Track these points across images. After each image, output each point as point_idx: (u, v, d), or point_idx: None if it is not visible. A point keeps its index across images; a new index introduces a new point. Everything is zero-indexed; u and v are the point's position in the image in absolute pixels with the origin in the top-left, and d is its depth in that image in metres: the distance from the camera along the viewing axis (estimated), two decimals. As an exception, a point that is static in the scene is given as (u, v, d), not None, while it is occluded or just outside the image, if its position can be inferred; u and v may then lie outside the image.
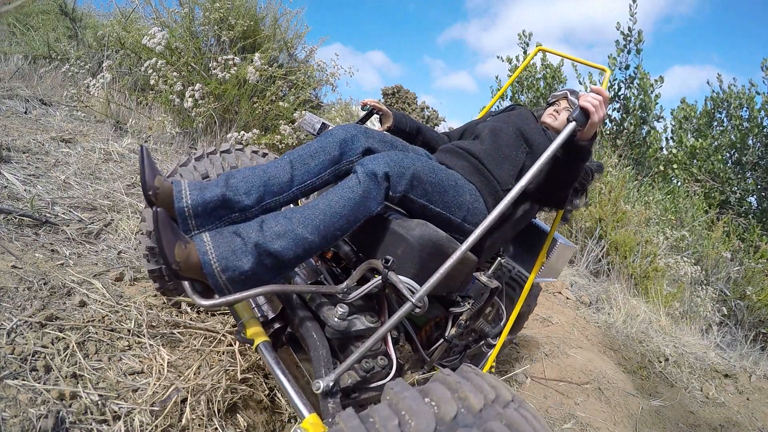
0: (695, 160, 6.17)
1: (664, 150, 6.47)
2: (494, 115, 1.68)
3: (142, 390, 1.05)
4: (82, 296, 1.21)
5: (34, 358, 0.97)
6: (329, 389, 0.84)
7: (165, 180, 0.96)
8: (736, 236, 4.75)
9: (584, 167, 1.24)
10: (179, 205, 0.94)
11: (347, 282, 0.97)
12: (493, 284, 1.24)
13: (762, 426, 2.53)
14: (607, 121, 6.65)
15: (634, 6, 6.22)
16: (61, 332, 1.06)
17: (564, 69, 6.99)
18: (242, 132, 2.86)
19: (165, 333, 1.25)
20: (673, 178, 6.20)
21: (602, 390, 2.29)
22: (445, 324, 1.32)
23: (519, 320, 2.09)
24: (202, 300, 0.87)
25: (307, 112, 2.06)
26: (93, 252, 1.47)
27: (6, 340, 0.97)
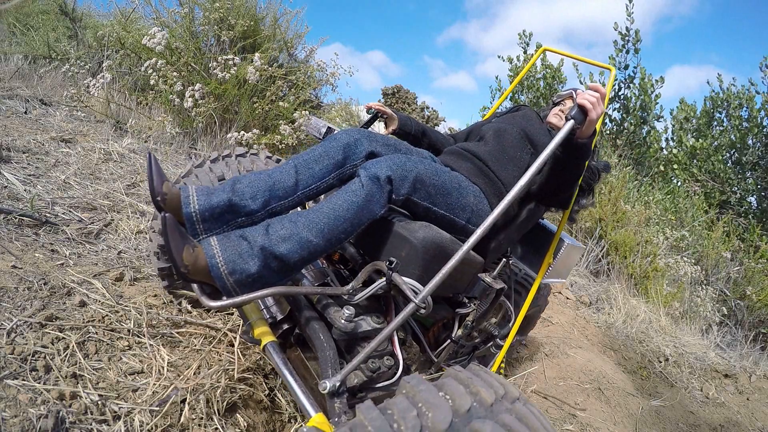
0: (695, 160, 6.17)
1: (664, 150, 6.47)
2: (499, 116, 1.68)
3: (142, 390, 1.05)
4: (82, 296, 1.21)
5: (34, 358, 0.97)
6: (335, 389, 0.85)
7: (173, 186, 0.99)
8: (736, 236, 4.75)
9: (585, 165, 1.24)
10: (187, 210, 0.97)
11: (352, 283, 0.99)
12: (498, 285, 1.24)
13: (762, 426, 2.53)
14: (608, 121, 6.66)
15: (631, 6, 6.22)
16: (61, 332, 1.06)
17: (564, 69, 6.99)
18: (242, 132, 2.86)
19: (165, 333, 1.25)
20: (673, 178, 6.20)
21: (602, 390, 2.29)
22: (453, 325, 1.33)
23: (528, 321, 2.08)
24: (211, 302, 0.89)
25: (313, 117, 2.07)
26: (93, 252, 1.47)
27: (6, 340, 0.97)
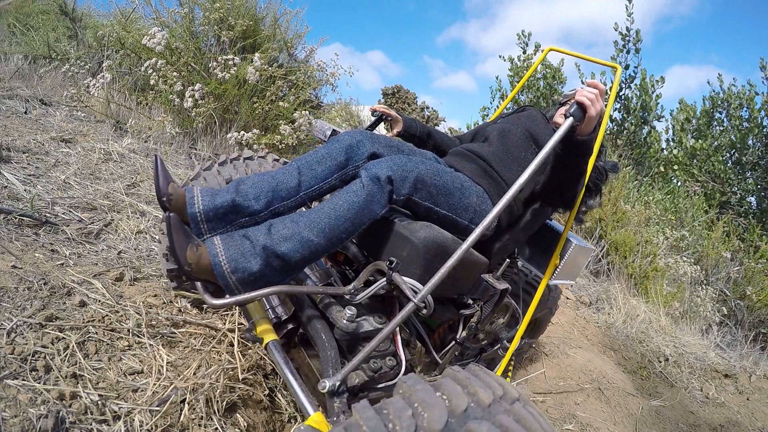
0: (695, 161, 6.17)
1: (665, 150, 6.47)
2: (505, 117, 1.68)
3: (142, 390, 1.05)
4: (82, 296, 1.21)
5: (34, 358, 0.97)
6: (335, 389, 0.85)
7: (178, 187, 1.01)
8: (736, 236, 4.75)
9: (587, 163, 1.23)
10: (191, 211, 1.00)
11: (354, 283, 1.00)
12: (502, 285, 1.23)
13: (762, 426, 2.53)
14: (608, 122, 6.65)
15: (631, 6, 6.21)
16: (61, 332, 1.06)
17: (564, 69, 6.99)
18: (242, 132, 2.86)
19: (165, 333, 1.25)
20: (674, 179, 6.20)
21: (602, 390, 2.29)
22: (458, 326, 1.33)
23: (538, 324, 2.06)
24: (214, 300, 0.90)
25: (318, 120, 2.07)
26: (93, 252, 1.47)
27: (6, 340, 0.97)
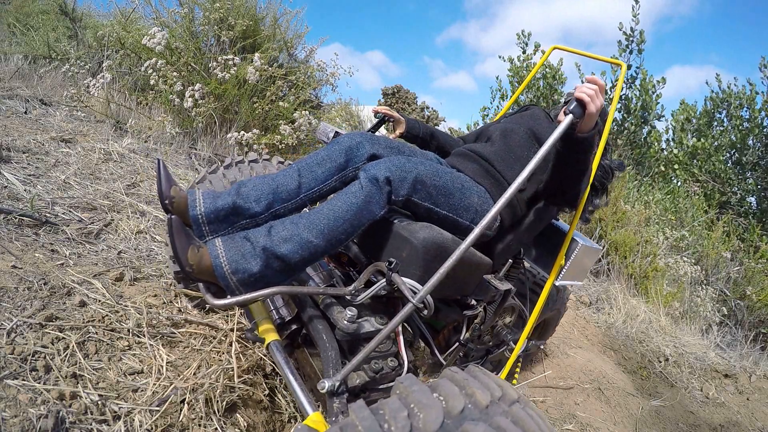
0: (696, 161, 6.17)
1: (665, 150, 6.46)
2: (508, 117, 1.68)
3: (142, 390, 1.05)
4: (82, 296, 1.21)
5: (34, 358, 0.97)
6: (334, 389, 0.86)
7: (181, 190, 1.03)
8: (736, 236, 4.74)
9: (589, 160, 1.21)
10: (193, 213, 1.01)
11: (355, 284, 1.00)
12: (504, 286, 1.22)
13: (762, 426, 2.53)
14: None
15: (637, 7, 6.20)
16: (61, 332, 1.07)
17: (564, 69, 6.98)
18: (242, 132, 2.86)
19: (165, 333, 1.25)
20: (674, 179, 6.20)
21: (602, 390, 2.30)
22: (462, 328, 1.32)
23: (547, 325, 2.04)
24: (215, 300, 0.92)
25: (321, 122, 2.08)
26: (93, 252, 1.47)
27: (6, 340, 0.97)
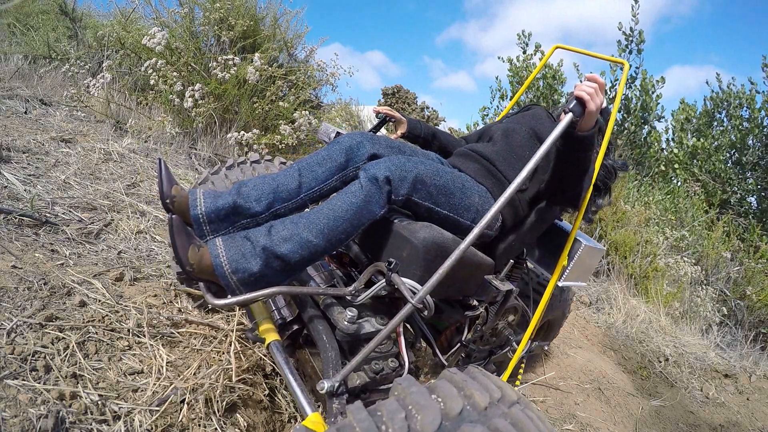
0: (696, 160, 6.17)
1: (665, 150, 6.46)
2: (511, 117, 1.68)
3: (142, 390, 1.05)
4: (82, 296, 1.21)
5: (34, 358, 0.97)
6: (334, 389, 0.86)
7: (182, 189, 1.04)
8: (736, 236, 4.74)
9: (589, 159, 1.20)
10: (194, 213, 1.02)
11: (355, 284, 1.00)
12: (506, 287, 1.21)
13: (762, 426, 2.53)
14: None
15: (636, 6, 6.21)
16: (61, 332, 1.07)
17: (564, 69, 6.98)
18: (242, 132, 2.86)
19: (165, 333, 1.25)
20: (674, 178, 6.19)
21: (602, 390, 2.30)
22: (465, 329, 1.32)
23: (551, 327, 2.02)
24: (216, 300, 0.92)
25: (323, 123, 2.09)
26: (93, 252, 1.47)
27: (6, 340, 0.97)
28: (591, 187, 1.38)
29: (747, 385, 2.94)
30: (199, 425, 1.06)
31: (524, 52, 7.15)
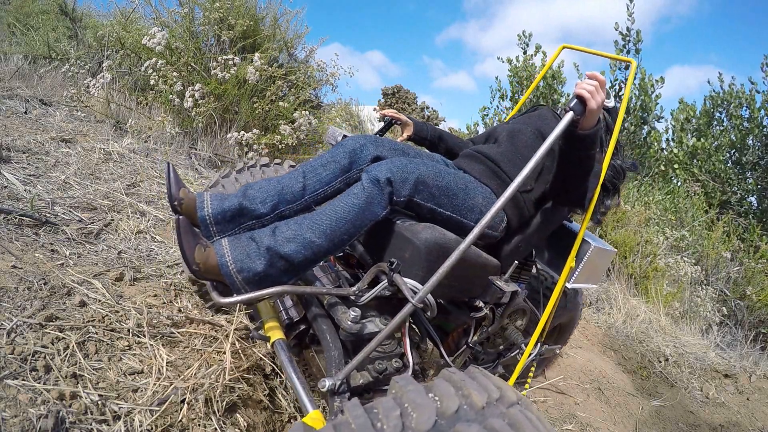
0: (696, 160, 6.17)
1: (665, 150, 6.47)
2: (517, 118, 1.67)
3: (142, 390, 1.05)
4: (82, 296, 1.21)
5: (34, 358, 0.97)
6: (335, 388, 0.86)
7: (189, 192, 1.07)
8: (736, 236, 4.74)
9: (592, 158, 1.18)
10: (201, 214, 1.05)
11: (359, 285, 1.01)
12: (510, 288, 1.21)
13: (762, 426, 2.53)
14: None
15: (632, 6, 6.21)
16: (61, 332, 1.06)
17: (564, 69, 6.98)
18: (242, 132, 2.86)
19: (165, 333, 1.25)
20: (674, 178, 6.20)
21: (602, 390, 2.30)
22: (472, 330, 1.32)
23: (563, 329, 2.00)
24: (222, 298, 0.94)
25: (330, 126, 2.10)
26: (93, 252, 1.47)
27: (6, 340, 0.97)
28: (599, 188, 1.35)
29: (747, 385, 2.94)
30: (199, 425, 1.06)
31: (525, 53, 7.16)
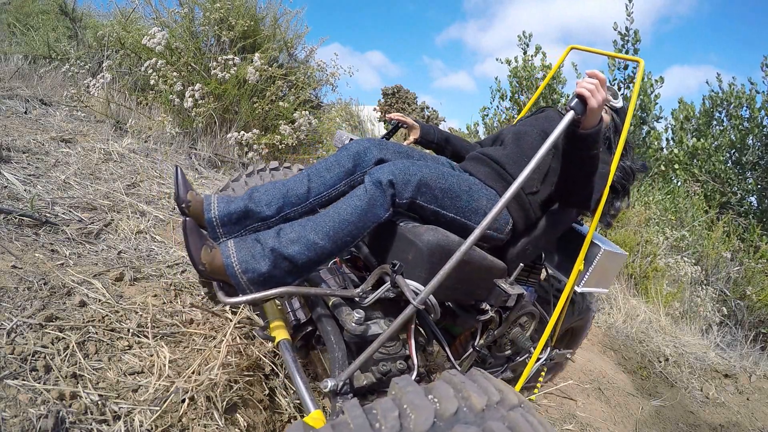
0: (696, 160, 6.17)
1: (665, 150, 6.47)
2: (524, 120, 1.66)
3: (142, 390, 1.05)
4: (82, 296, 1.21)
5: (34, 358, 0.97)
6: (337, 389, 0.87)
7: (197, 194, 1.10)
8: (736, 236, 4.74)
9: (596, 158, 1.16)
10: (208, 216, 1.08)
11: (363, 286, 1.02)
12: (515, 291, 1.19)
13: (762, 426, 2.53)
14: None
15: (631, 6, 6.21)
16: (61, 332, 1.06)
17: (563, 70, 6.99)
18: (242, 132, 2.86)
19: (165, 332, 1.25)
20: (674, 178, 6.20)
21: (602, 390, 2.30)
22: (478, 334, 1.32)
23: (574, 334, 1.97)
24: (227, 298, 0.96)
25: (338, 130, 2.11)
26: (93, 252, 1.47)
27: (6, 340, 0.97)
28: (607, 189, 1.32)
29: (747, 385, 2.94)
30: (200, 425, 1.06)
31: (525, 53, 7.16)
